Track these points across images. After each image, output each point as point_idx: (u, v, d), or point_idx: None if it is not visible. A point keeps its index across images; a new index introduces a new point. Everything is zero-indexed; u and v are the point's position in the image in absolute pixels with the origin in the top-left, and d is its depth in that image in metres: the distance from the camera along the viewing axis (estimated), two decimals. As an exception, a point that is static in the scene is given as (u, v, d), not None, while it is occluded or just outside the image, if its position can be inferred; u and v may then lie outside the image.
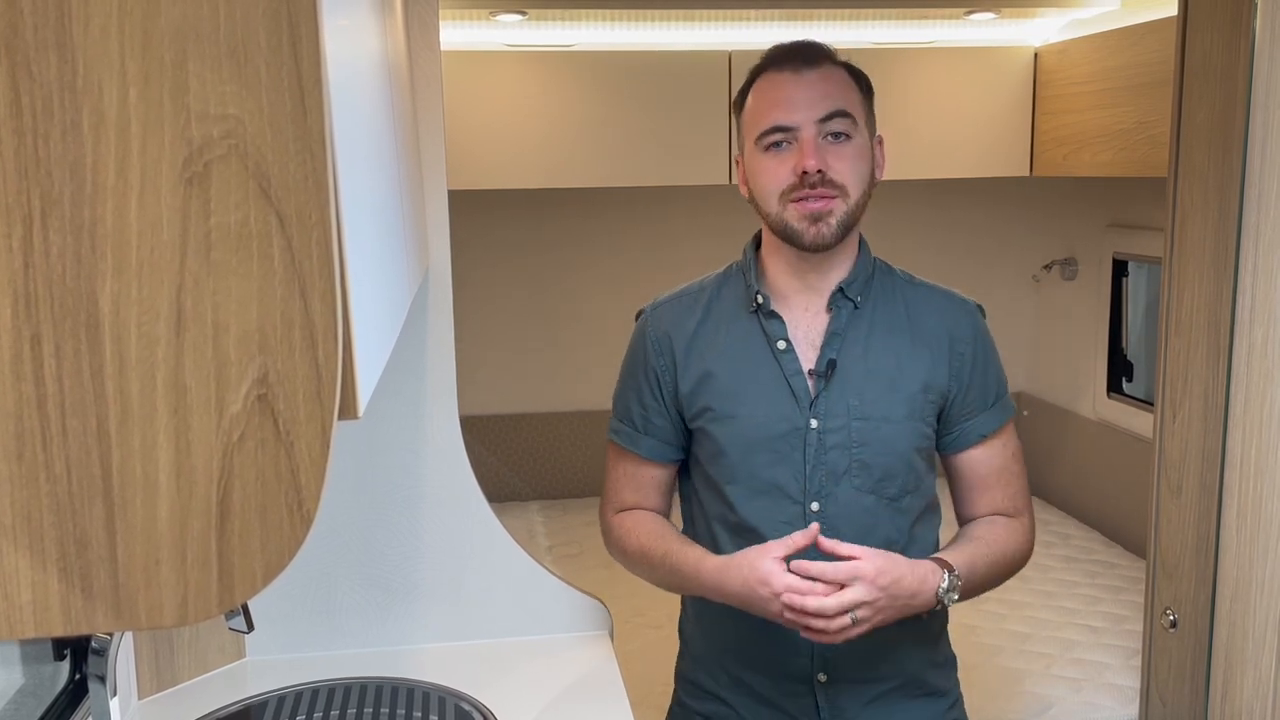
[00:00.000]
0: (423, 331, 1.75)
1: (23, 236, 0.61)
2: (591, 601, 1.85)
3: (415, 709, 1.58)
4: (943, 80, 3.17)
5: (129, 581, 0.65)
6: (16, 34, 0.60)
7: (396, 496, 1.78)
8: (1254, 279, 1.52)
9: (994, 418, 1.56)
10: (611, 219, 3.58)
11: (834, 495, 1.48)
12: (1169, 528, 1.74)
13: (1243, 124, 1.52)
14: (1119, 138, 2.80)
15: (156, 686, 1.64)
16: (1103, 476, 3.38)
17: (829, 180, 1.43)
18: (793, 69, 1.45)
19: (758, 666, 1.55)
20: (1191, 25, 1.64)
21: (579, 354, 3.61)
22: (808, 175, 1.42)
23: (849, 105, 1.45)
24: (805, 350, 1.51)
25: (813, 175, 1.42)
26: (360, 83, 0.89)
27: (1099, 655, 2.54)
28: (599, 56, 3.05)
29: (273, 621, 1.76)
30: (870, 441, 1.48)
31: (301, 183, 0.63)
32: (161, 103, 0.61)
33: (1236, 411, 1.56)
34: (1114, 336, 3.34)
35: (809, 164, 1.42)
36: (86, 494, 0.64)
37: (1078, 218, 3.52)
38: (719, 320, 1.55)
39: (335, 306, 0.64)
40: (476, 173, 2.98)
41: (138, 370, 0.63)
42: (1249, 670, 1.56)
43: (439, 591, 1.81)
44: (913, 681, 1.56)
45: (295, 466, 0.65)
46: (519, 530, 3.12)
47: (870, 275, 1.54)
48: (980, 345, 1.56)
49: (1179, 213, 1.68)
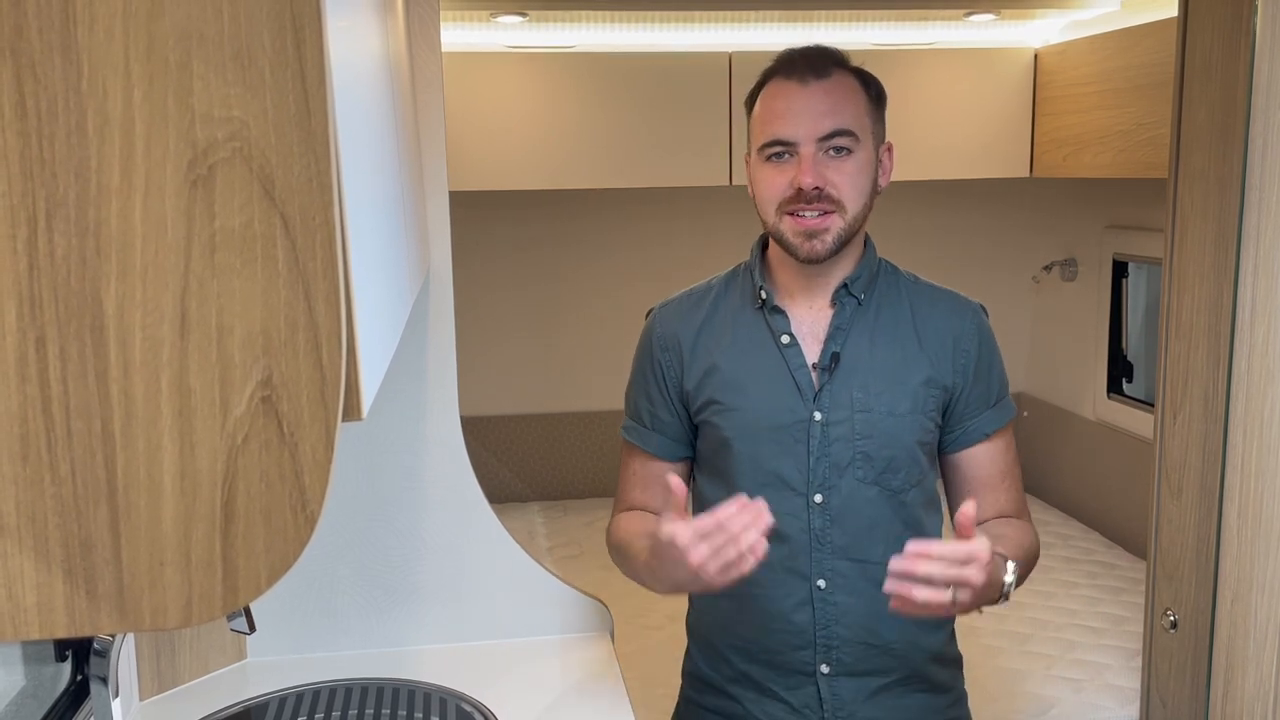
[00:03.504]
0: (424, 333, 1.75)
1: (27, 238, 0.61)
2: (592, 602, 1.85)
3: (416, 710, 1.58)
4: (943, 81, 3.17)
5: (133, 583, 0.65)
6: (21, 36, 0.60)
7: (397, 497, 1.78)
8: (1254, 280, 1.52)
9: (997, 417, 1.57)
10: (612, 220, 3.58)
11: (838, 487, 1.49)
12: (1169, 529, 1.74)
13: (1243, 125, 1.52)
14: (1119, 139, 2.80)
15: (158, 687, 1.64)
16: (1103, 477, 3.38)
17: (826, 196, 1.44)
18: (799, 79, 1.45)
19: (761, 659, 1.56)
20: (1191, 26, 1.64)
21: (580, 355, 3.61)
22: (804, 191, 1.43)
23: (853, 119, 1.45)
24: (810, 344, 1.52)
25: (809, 192, 1.43)
26: (363, 85, 0.89)
27: (1099, 656, 2.54)
28: (599, 58, 3.05)
29: (274, 622, 1.76)
30: (874, 434, 1.49)
31: (305, 185, 0.63)
32: (166, 105, 0.61)
33: (1237, 412, 1.56)
34: (1114, 337, 3.34)
35: (805, 181, 1.43)
36: (91, 496, 0.64)
37: (1078, 219, 3.52)
38: (725, 317, 1.57)
39: (339, 308, 0.64)
40: (477, 174, 2.98)
41: (142, 372, 0.63)
42: (1249, 671, 1.56)
43: (440, 592, 1.81)
44: (915, 676, 1.57)
45: (299, 468, 0.65)
46: (519, 531, 3.12)
47: (875, 273, 1.55)
48: (984, 343, 1.57)
49: (1179, 214, 1.68)
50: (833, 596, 1.51)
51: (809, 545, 1.50)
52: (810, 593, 1.51)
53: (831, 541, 1.50)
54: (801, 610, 1.51)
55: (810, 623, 1.51)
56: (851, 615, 1.51)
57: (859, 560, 1.50)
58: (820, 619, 1.51)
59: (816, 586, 1.51)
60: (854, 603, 1.51)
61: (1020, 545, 1.49)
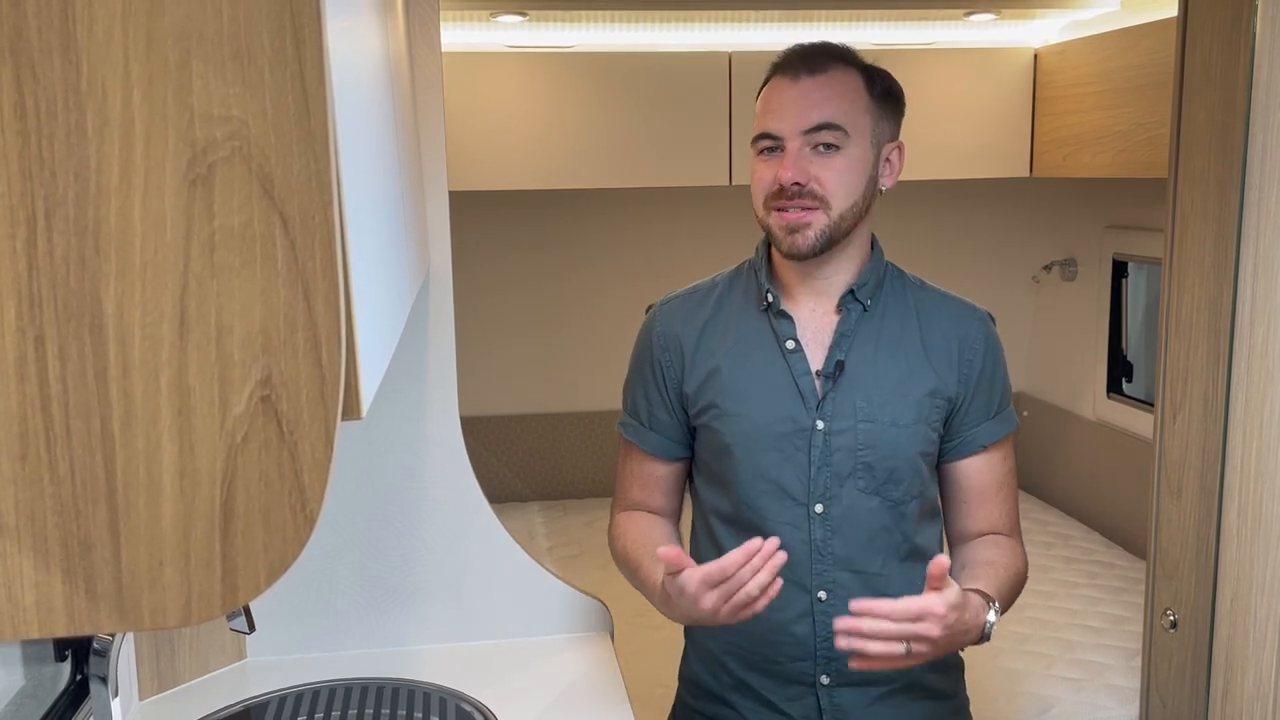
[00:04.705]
0: (423, 332, 1.75)
1: (27, 238, 0.61)
2: (592, 602, 1.85)
3: (416, 709, 1.58)
4: (943, 81, 3.17)
5: (133, 582, 0.65)
6: (21, 36, 0.60)
7: (397, 497, 1.78)
8: (1254, 280, 1.52)
9: (997, 428, 1.55)
10: (611, 220, 3.58)
11: (838, 497, 1.48)
12: (1169, 528, 1.74)
13: (1243, 125, 1.52)
14: (1119, 139, 2.80)
15: (158, 687, 1.64)
16: (1103, 477, 3.38)
17: (809, 192, 1.43)
18: (793, 75, 1.45)
19: (760, 668, 1.54)
20: (1191, 26, 1.64)
21: (579, 355, 3.62)
22: (785, 187, 1.42)
23: (843, 114, 1.44)
24: (814, 350, 1.50)
25: (790, 188, 1.42)
26: (362, 84, 0.89)
27: (1099, 656, 2.54)
28: (599, 58, 3.05)
29: (274, 622, 1.76)
30: (876, 444, 1.47)
31: (305, 184, 0.63)
32: (165, 104, 0.61)
33: (1237, 412, 1.56)
34: (1114, 337, 3.34)
35: (784, 176, 1.42)
36: (90, 495, 0.64)
37: (1077, 219, 3.52)
38: (729, 317, 1.55)
39: (338, 308, 0.64)
40: (477, 174, 2.98)
41: (141, 372, 0.63)
42: (1249, 670, 1.56)
43: (440, 592, 1.81)
44: (916, 684, 1.56)
45: (299, 468, 0.65)
46: (519, 531, 3.12)
47: (882, 278, 1.54)
48: (990, 353, 1.55)
49: (1179, 214, 1.68)
50: (834, 608, 1.49)
51: (809, 556, 1.48)
52: (811, 605, 1.49)
53: (832, 552, 1.49)
54: (802, 622, 1.50)
55: (811, 634, 1.50)
56: None
57: (859, 572, 1.49)
58: (821, 631, 1.50)
59: (817, 599, 1.49)
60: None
61: (1008, 574, 1.48)
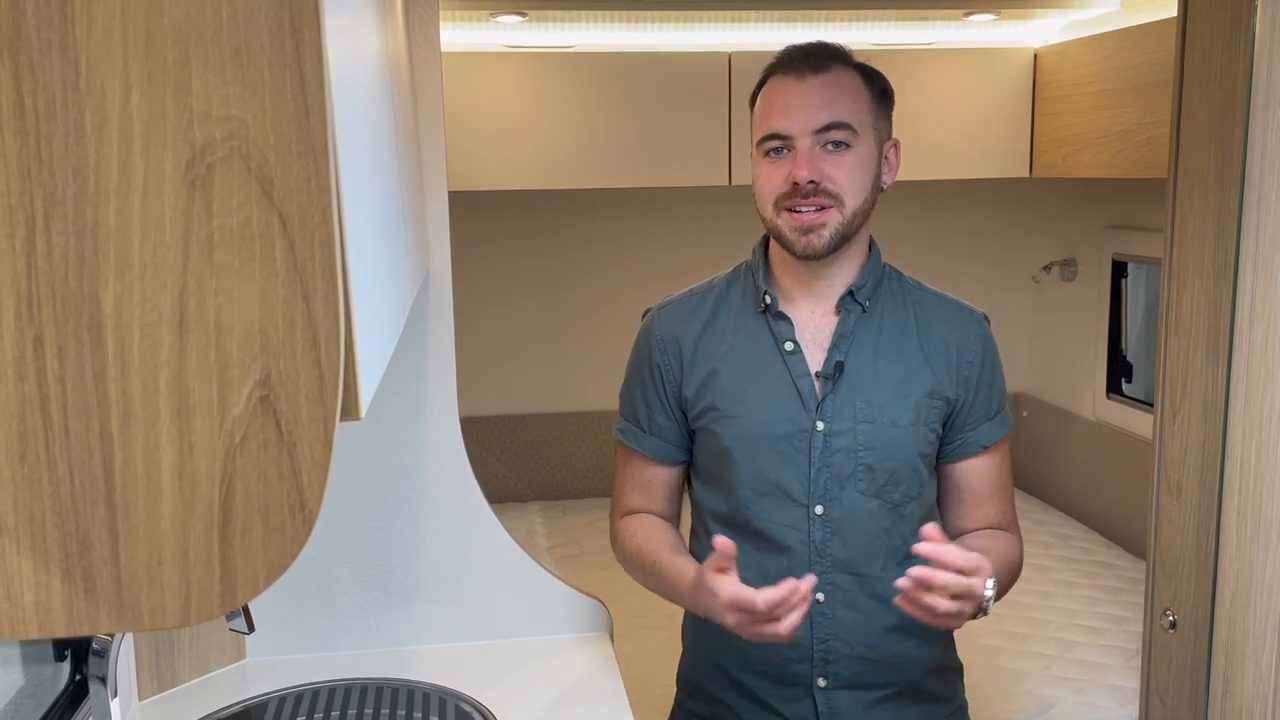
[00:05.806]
0: (423, 332, 1.75)
1: (25, 237, 0.61)
2: (591, 602, 1.85)
3: (415, 710, 1.58)
4: (942, 81, 3.17)
5: (131, 582, 0.65)
6: (20, 35, 0.60)
7: (396, 497, 1.78)
8: (1254, 279, 1.52)
9: (995, 429, 1.55)
10: (611, 220, 3.58)
11: (838, 499, 1.48)
12: (1169, 528, 1.74)
13: (1242, 124, 1.52)
14: (1119, 139, 2.80)
15: (157, 687, 1.64)
16: (1102, 477, 3.38)
17: (823, 190, 1.42)
18: (797, 74, 1.45)
19: (758, 670, 1.54)
20: (1191, 26, 1.64)
21: (579, 355, 3.61)
22: (800, 185, 1.42)
23: (852, 113, 1.44)
24: (813, 352, 1.50)
25: (805, 186, 1.42)
26: (362, 84, 0.89)
27: (1099, 656, 2.54)
28: (599, 58, 3.05)
29: (273, 622, 1.76)
30: (876, 445, 1.47)
31: (304, 184, 0.63)
32: (164, 104, 0.61)
33: (1236, 412, 1.56)
34: (1114, 337, 3.34)
35: (800, 175, 1.41)
36: (89, 495, 0.64)
37: (1077, 219, 3.52)
38: (727, 320, 1.55)
39: (337, 307, 0.64)
40: (476, 174, 2.98)
41: (140, 371, 0.63)
42: (1249, 670, 1.56)
43: (439, 592, 1.81)
44: (914, 688, 1.56)
45: (297, 467, 0.65)
46: (519, 531, 3.11)
47: (880, 280, 1.54)
48: (987, 355, 1.55)
49: (1179, 214, 1.68)
50: (832, 611, 1.49)
51: (809, 557, 1.48)
52: (810, 606, 1.49)
53: (832, 554, 1.49)
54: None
55: (809, 636, 1.50)
56: (850, 629, 1.50)
57: (858, 574, 1.49)
58: (819, 633, 1.50)
59: (816, 600, 1.49)
60: (853, 617, 1.50)
61: (1002, 559, 1.47)
